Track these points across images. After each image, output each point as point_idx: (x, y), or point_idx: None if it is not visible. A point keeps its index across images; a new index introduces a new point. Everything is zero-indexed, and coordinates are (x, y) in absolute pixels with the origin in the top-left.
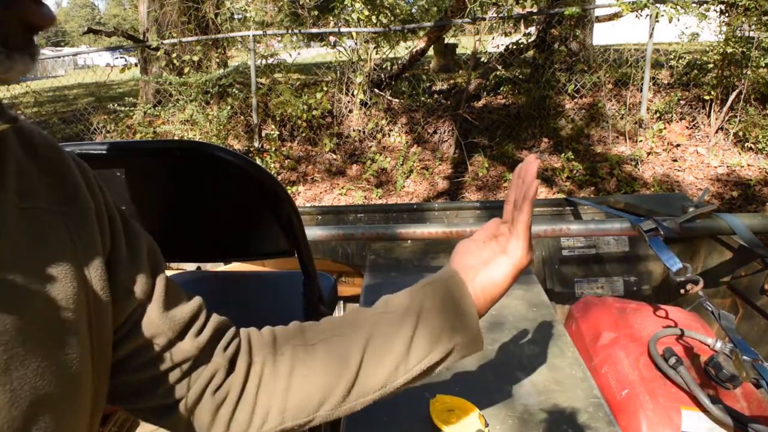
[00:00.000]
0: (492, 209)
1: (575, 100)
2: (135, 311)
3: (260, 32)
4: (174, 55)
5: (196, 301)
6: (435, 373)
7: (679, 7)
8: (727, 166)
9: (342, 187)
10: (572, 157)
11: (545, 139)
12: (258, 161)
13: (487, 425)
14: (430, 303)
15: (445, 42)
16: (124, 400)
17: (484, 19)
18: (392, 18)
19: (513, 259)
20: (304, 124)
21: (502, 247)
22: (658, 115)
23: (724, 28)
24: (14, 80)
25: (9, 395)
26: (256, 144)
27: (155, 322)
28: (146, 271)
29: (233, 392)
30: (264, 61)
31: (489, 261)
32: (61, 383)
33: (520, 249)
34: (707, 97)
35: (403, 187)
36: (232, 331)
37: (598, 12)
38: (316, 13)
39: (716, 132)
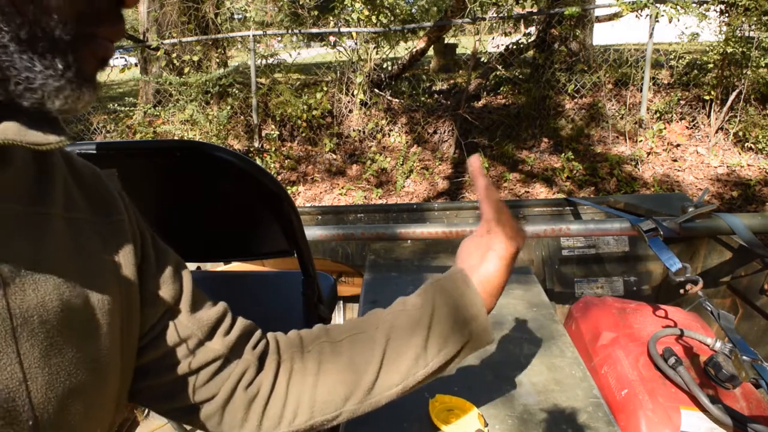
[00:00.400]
0: None
1: (575, 100)
2: (163, 316)
3: (260, 32)
4: (174, 55)
5: (222, 304)
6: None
7: (679, 7)
8: (727, 166)
9: (342, 187)
10: (572, 157)
11: (545, 139)
12: (258, 161)
13: (486, 425)
14: (441, 299)
15: (445, 42)
16: (157, 401)
17: (484, 19)
18: (392, 18)
19: (498, 251)
20: (304, 124)
21: (488, 244)
22: (658, 115)
23: (724, 28)
24: (82, 111)
25: (47, 378)
26: (256, 144)
27: (185, 323)
28: (175, 280)
29: (264, 388)
30: (264, 61)
31: (483, 258)
32: (93, 375)
33: (500, 240)
34: (707, 97)
35: (403, 187)
36: (259, 332)
37: (598, 12)
38: (316, 13)
39: (716, 132)
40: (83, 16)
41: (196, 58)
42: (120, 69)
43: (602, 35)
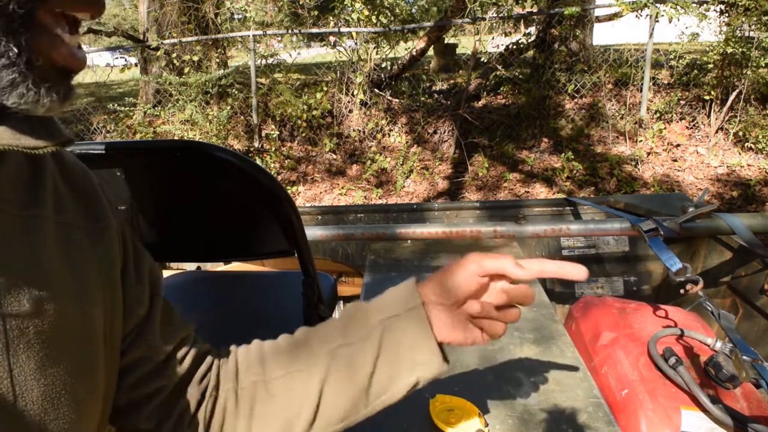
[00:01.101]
0: (492, 209)
1: (575, 100)
2: (132, 331)
3: (260, 32)
4: (174, 55)
5: (187, 326)
6: None
7: (679, 7)
8: (727, 166)
9: (342, 187)
10: (572, 157)
11: (545, 139)
12: (258, 161)
13: (487, 425)
14: (389, 339)
15: (445, 42)
16: (116, 413)
17: (484, 19)
18: (392, 18)
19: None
20: (304, 124)
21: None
22: (658, 115)
23: (724, 28)
24: (37, 113)
25: (42, 389)
26: (256, 144)
27: (149, 343)
28: (147, 293)
29: (201, 427)
30: (264, 61)
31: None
32: (86, 382)
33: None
34: (707, 97)
35: (403, 187)
36: (208, 360)
37: (598, 12)
38: (316, 13)
39: (716, 132)
40: None
41: (196, 58)
42: (120, 69)
43: (602, 35)
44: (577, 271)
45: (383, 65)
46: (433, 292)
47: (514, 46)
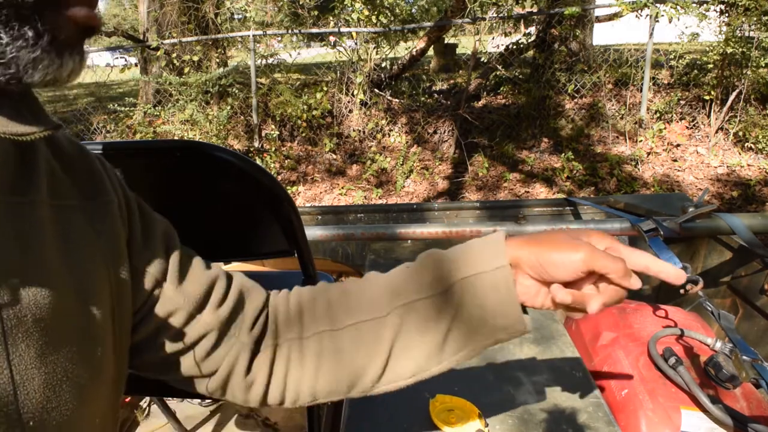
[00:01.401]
0: (492, 209)
1: (575, 100)
2: (152, 291)
3: (260, 32)
4: (174, 55)
5: (214, 272)
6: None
7: (679, 7)
8: (727, 166)
9: (342, 187)
10: (572, 157)
11: (545, 139)
12: (258, 161)
13: (487, 425)
14: (468, 299)
15: (445, 42)
16: (157, 371)
17: (484, 19)
18: (392, 18)
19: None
20: (304, 124)
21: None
22: (658, 115)
23: (724, 28)
24: (65, 82)
25: (44, 377)
26: (256, 144)
27: (172, 298)
28: (160, 253)
29: (262, 376)
30: (264, 61)
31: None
32: (88, 367)
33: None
34: (707, 97)
35: (403, 187)
36: (258, 305)
37: (598, 12)
38: (316, 13)
39: (716, 132)
40: None
41: (196, 58)
42: (120, 69)
43: (602, 35)
44: (676, 275)
45: (383, 65)
46: (524, 258)
47: (514, 46)
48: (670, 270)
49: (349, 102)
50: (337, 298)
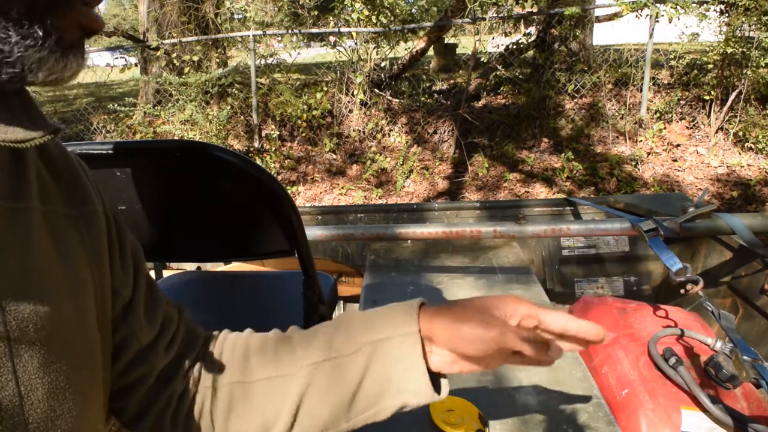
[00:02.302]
0: (492, 209)
1: (575, 100)
2: (118, 315)
3: (260, 32)
4: (174, 55)
5: (172, 310)
6: None
7: (679, 7)
8: (727, 166)
9: (342, 187)
10: (572, 157)
11: (545, 139)
12: (258, 161)
13: (487, 425)
14: (378, 362)
15: (445, 42)
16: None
17: (484, 19)
18: (392, 18)
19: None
20: (304, 124)
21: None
22: (658, 115)
23: (724, 28)
24: (68, 81)
25: (47, 387)
26: (256, 144)
27: (132, 327)
28: (131, 274)
29: (184, 419)
30: (264, 61)
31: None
32: (88, 374)
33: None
34: (707, 97)
35: (403, 187)
36: (195, 349)
37: (598, 12)
38: (316, 13)
39: (716, 132)
40: None
41: (196, 58)
42: (120, 69)
43: (602, 35)
44: (595, 333)
45: (383, 65)
46: (437, 332)
47: (514, 46)
48: (589, 329)
49: (349, 102)
50: (256, 349)
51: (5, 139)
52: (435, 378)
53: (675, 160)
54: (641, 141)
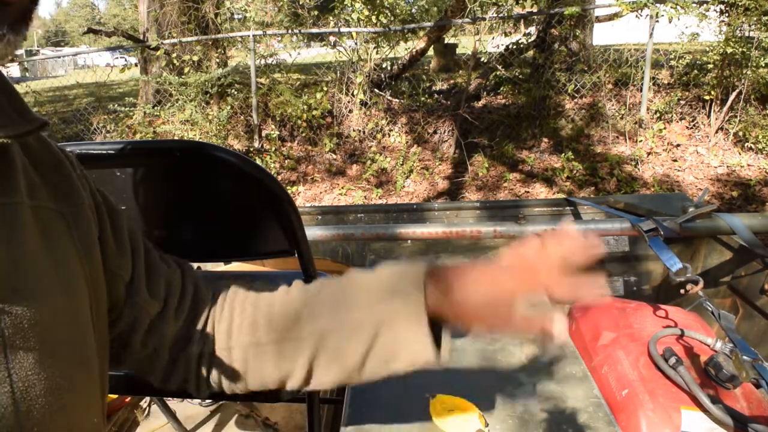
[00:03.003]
0: (492, 209)
1: (575, 100)
2: (122, 293)
3: (260, 32)
4: (174, 55)
5: (174, 275)
6: (435, 373)
7: (679, 7)
8: (727, 166)
9: (342, 187)
10: (572, 157)
11: (545, 139)
12: (258, 161)
13: (487, 425)
14: (383, 337)
15: (445, 42)
16: (139, 369)
17: (484, 19)
18: (392, 18)
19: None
20: (304, 124)
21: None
22: (658, 115)
23: (724, 28)
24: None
25: (43, 384)
26: (256, 144)
27: (139, 304)
28: (129, 254)
29: (204, 379)
30: (264, 61)
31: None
32: (83, 369)
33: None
34: (707, 97)
35: (403, 187)
36: (206, 313)
37: (598, 12)
38: (316, 13)
39: (716, 132)
40: None
41: (196, 58)
42: (120, 69)
43: (602, 35)
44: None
45: (383, 65)
46: (445, 306)
47: (514, 46)
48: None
49: (349, 102)
50: (265, 314)
51: None
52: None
53: (675, 160)
54: (641, 141)
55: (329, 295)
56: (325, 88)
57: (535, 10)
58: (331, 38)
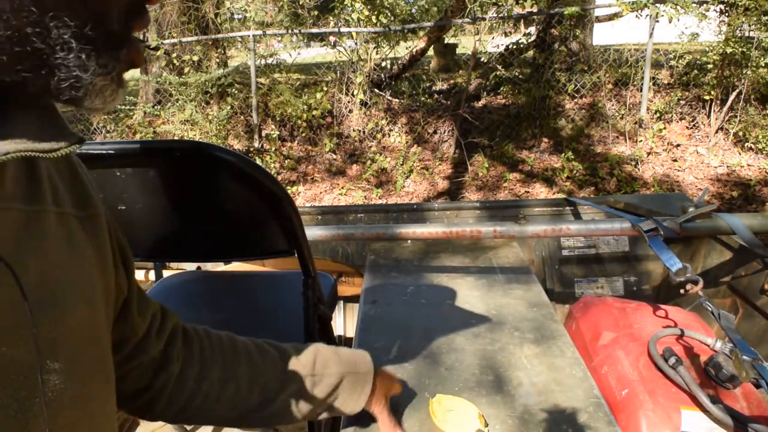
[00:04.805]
0: (492, 209)
1: (575, 100)
2: (119, 310)
3: (260, 32)
4: (174, 55)
5: (155, 306)
6: (435, 373)
7: (679, 7)
8: (727, 166)
9: (342, 187)
10: (572, 157)
11: (545, 139)
12: (258, 161)
13: (487, 425)
14: (341, 392)
15: (445, 42)
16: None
17: (484, 19)
18: (392, 18)
19: None
20: (304, 124)
21: None
22: (658, 115)
23: (724, 28)
24: (107, 110)
25: (71, 392)
26: (257, 144)
27: (130, 320)
28: (125, 269)
29: (174, 396)
30: (264, 61)
31: None
32: (103, 377)
33: None
34: (707, 97)
35: (403, 187)
36: (180, 340)
37: (598, 12)
38: (316, 13)
39: (716, 132)
40: (131, 7)
41: (196, 58)
42: None
43: (602, 35)
44: None
45: (383, 65)
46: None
47: (514, 46)
48: None
49: (349, 102)
50: (233, 350)
51: (35, 149)
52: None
53: (675, 160)
54: (641, 141)
55: (292, 351)
56: (325, 88)
57: (535, 10)
58: (331, 38)
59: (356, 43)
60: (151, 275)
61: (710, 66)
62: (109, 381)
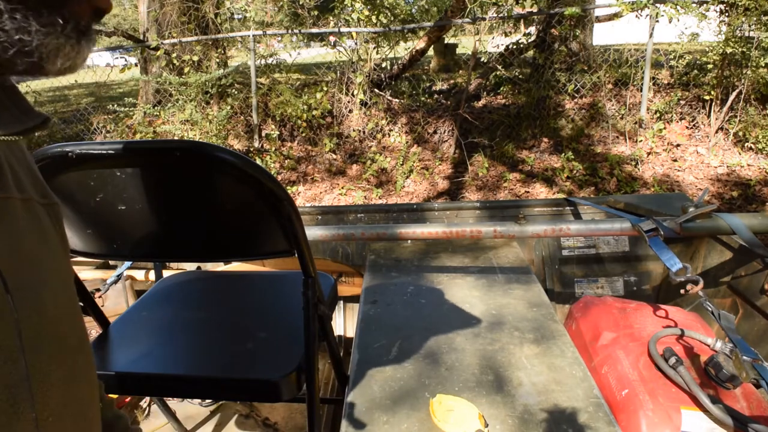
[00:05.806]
0: (492, 209)
1: (575, 100)
2: None
3: (260, 32)
4: (174, 55)
5: None
6: (435, 373)
7: (679, 7)
8: (727, 166)
9: (342, 187)
10: (572, 157)
11: (545, 139)
12: (258, 161)
13: (487, 425)
14: None
15: (445, 42)
16: None
17: (484, 19)
18: (392, 18)
19: None
20: (304, 124)
21: None
22: (658, 115)
23: (724, 28)
24: (80, 67)
25: (57, 375)
26: (256, 144)
27: None
28: None
29: None
30: (264, 61)
31: None
32: (86, 359)
33: None
34: (707, 97)
35: (403, 187)
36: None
37: (598, 12)
38: (316, 13)
39: (716, 132)
40: None
41: (196, 58)
42: (120, 69)
43: (602, 35)
44: None
45: (383, 65)
46: None
47: (514, 46)
48: None
49: (349, 102)
50: None
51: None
52: None
53: (675, 160)
54: (641, 141)
55: None
56: (325, 88)
57: (535, 10)
58: (331, 38)
59: (356, 43)
60: (151, 275)
61: (710, 66)
62: (91, 364)
